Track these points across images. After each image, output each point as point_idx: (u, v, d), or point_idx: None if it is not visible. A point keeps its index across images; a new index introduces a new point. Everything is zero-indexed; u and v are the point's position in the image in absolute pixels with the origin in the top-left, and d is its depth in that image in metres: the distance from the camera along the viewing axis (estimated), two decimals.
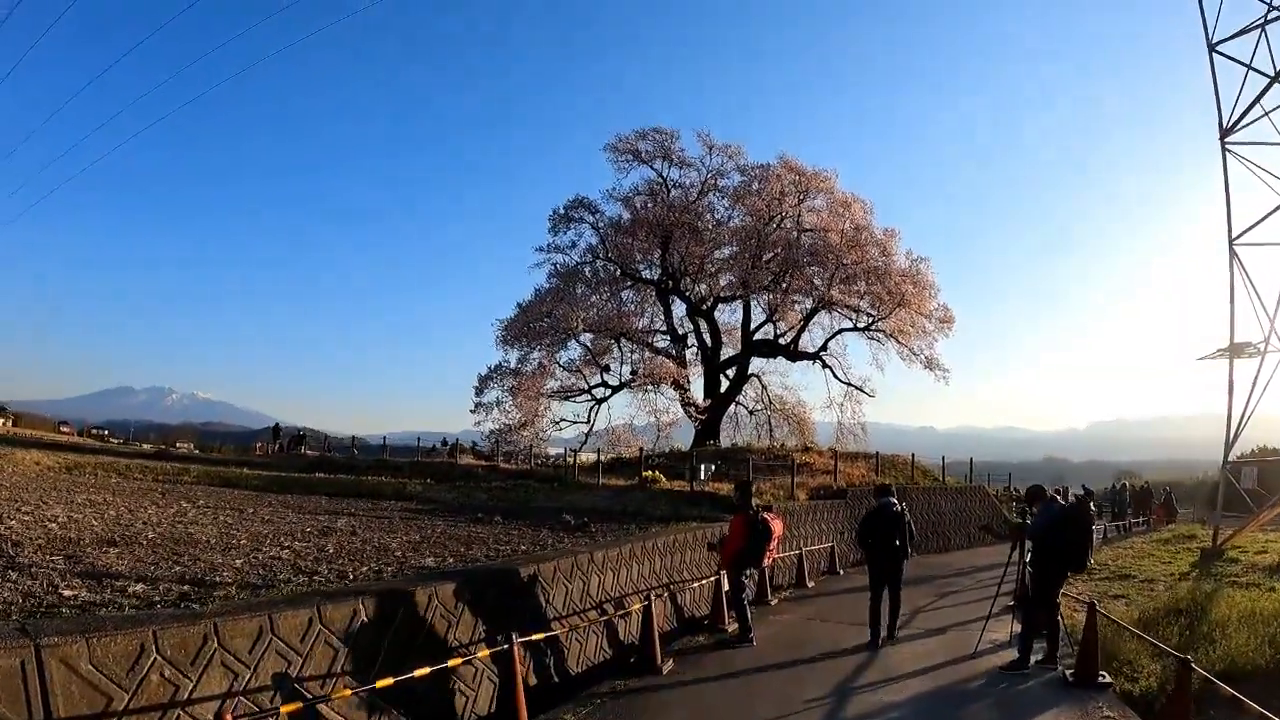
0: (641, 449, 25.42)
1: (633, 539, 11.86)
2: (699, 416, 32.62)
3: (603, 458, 26.49)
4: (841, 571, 19.01)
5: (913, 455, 28.67)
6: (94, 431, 51.51)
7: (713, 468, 22.53)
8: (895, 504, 10.69)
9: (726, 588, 11.12)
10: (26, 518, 11.03)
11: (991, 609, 11.12)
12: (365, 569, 8.44)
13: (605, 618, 9.43)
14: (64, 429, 50.37)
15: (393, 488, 22.08)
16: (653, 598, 9.22)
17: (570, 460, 26.22)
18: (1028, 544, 9.75)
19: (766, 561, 11.25)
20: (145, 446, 40.34)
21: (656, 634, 9.09)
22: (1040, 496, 9.60)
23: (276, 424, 42.87)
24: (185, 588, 6.92)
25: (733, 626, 10.88)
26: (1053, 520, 8.92)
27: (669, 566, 12.19)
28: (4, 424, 46.88)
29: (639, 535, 12.58)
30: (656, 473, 22.16)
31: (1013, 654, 9.53)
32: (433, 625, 6.67)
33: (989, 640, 10.51)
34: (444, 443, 40.73)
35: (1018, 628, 10.50)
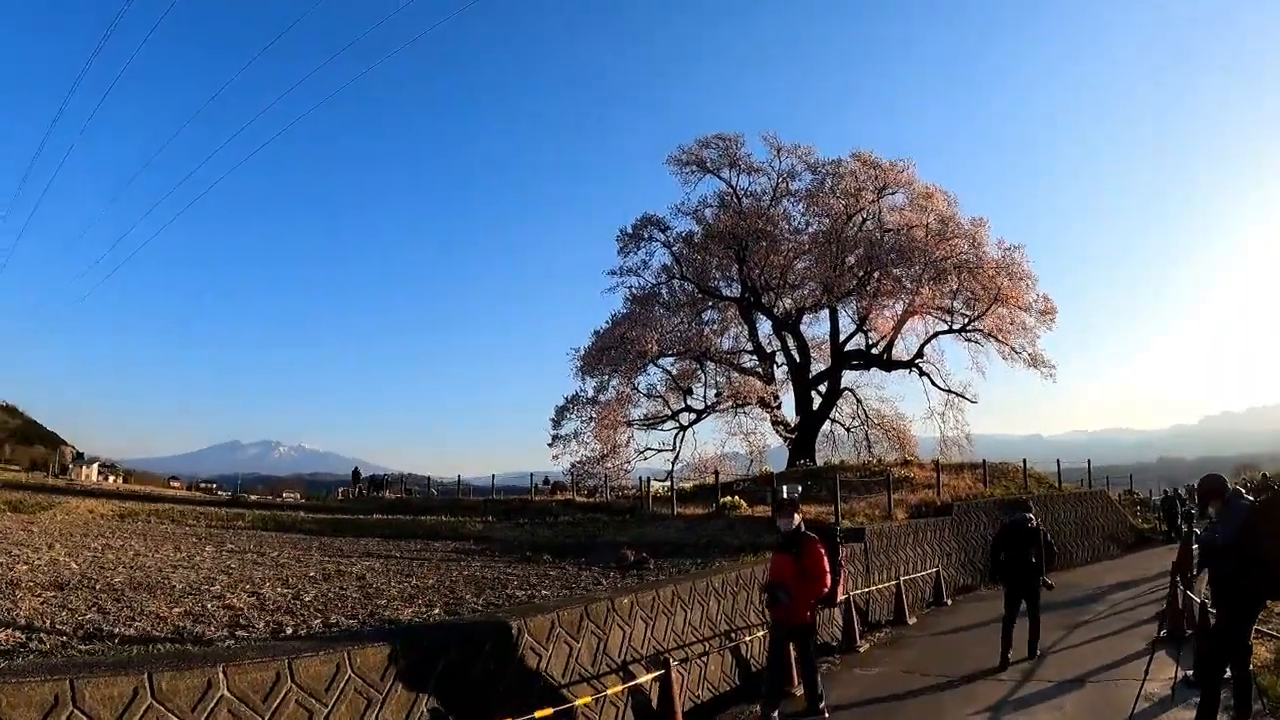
0: (717, 473, 23.19)
1: (681, 578, 9.88)
2: (788, 435, 30.26)
3: (683, 485, 24.51)
4: (949, 601, 16.32)
5: (1024, 461, 25.37)
6: (202, 485, 53.24)
7: (799, 489, 20.14)
8: (1031, 519, 10.24)
9: (794, 648, 8.47)
10: (2, 559, 10.06)
11: (1154, 649, 8.51)
12: (319, 621, 6.81)
13: (633, 683, 7.35)
14: (174, 484, 52.23)
15: (450, 527, 20.77)
16: (693, 656, 7.19)
17: (646, 490, 24.42)
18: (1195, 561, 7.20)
19: (840, 596, 9.04)
20: (253, 497, 40.73)
21: (680, 714, 6.98)
22: (1218, 492, 6.79)
23: (356, 469, 42.75)
24: (63, 638, 5.60)
25: (800, 691, 8.45)
26: (1244, 524, 6.21)
27: (729, 611, 10.09)
28: (115, 480, 48.89)
29: (696, 573, 10.59)
30: (737, 498, 20.04)
31: (1185, 718, 6.94)
32: (340, 706, 4.85)
33: (1147, 696, 7.80)
34: (546, 481, 38.92)
35: (1181, 674, 7.89)
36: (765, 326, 33.11)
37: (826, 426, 33.49)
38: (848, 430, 34.06)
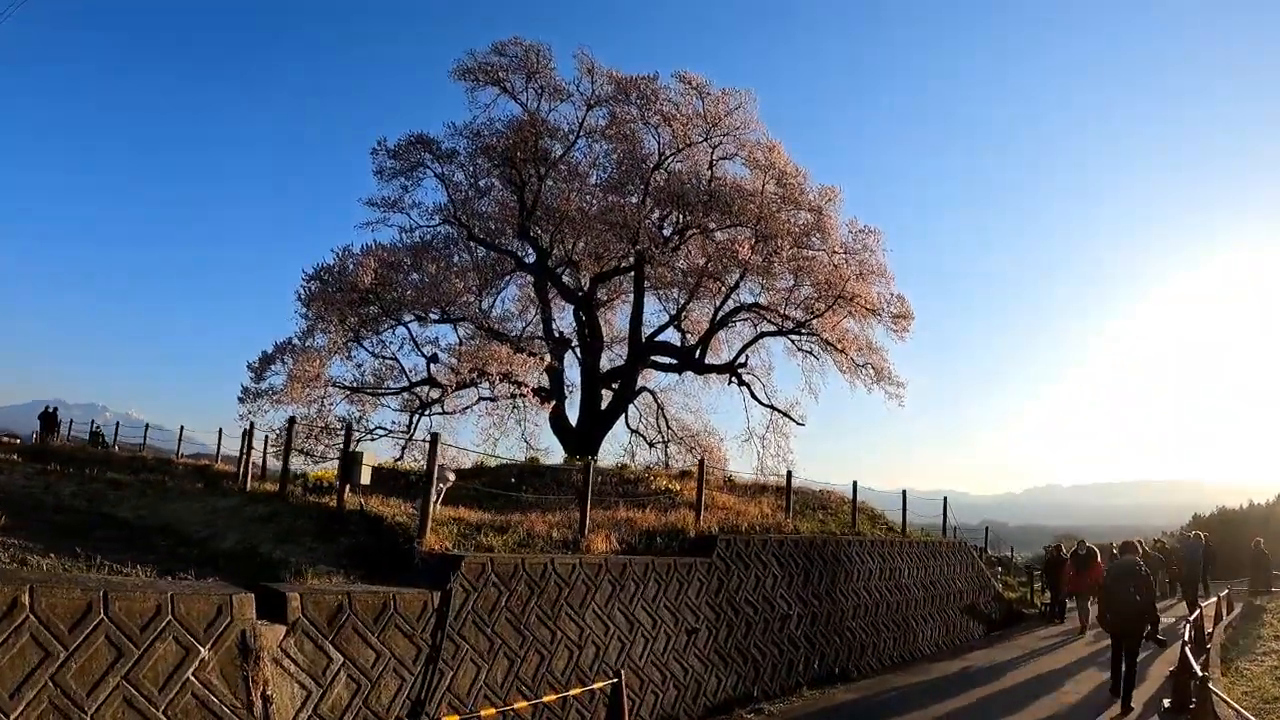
0: (291, 430, 15.23)
1: None
2: (556, 431, 23.53)
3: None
4: None
5: (855, 483, 17.90)
6: (4, 438, 46.57)
7: (450, 477, 12.68)
8: (1140, 563, 10.62)
9: None
10: None
11: None
12: None
13: None
14: None
15: None
16: None
17: (246, 457, 16.75)
18: None
19: None
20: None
21: None
22: None
23: (45, 410, 32.62)
24: None
25: None
26: None
27: None
28: None
29: None
30: (330, 477, 12.86)
31: None
32: None
33: None
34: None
35: None
36: (566, 311, 26.21)
37: (626, 437, 26.89)
38: (650, 445, 27.37)
